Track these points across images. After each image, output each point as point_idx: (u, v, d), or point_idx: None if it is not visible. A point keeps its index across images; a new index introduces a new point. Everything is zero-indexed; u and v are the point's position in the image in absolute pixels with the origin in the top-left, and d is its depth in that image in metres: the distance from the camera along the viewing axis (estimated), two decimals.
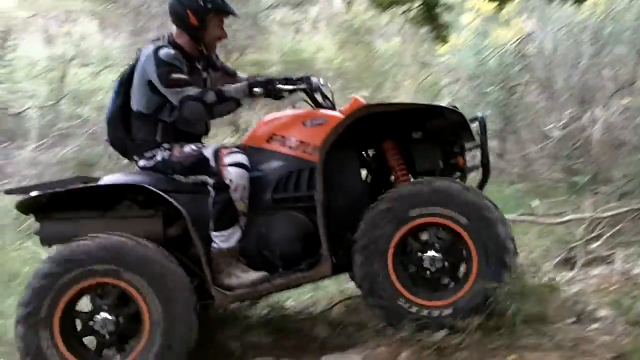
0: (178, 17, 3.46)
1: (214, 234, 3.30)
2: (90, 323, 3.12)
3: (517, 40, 6.94)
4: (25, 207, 3.34)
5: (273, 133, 3.49)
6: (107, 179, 3.48)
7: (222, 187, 3.28)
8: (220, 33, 3.52)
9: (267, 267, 3.33)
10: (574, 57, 6.60)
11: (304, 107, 3.77)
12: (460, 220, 3.17)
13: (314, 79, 3.66)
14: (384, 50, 11.53)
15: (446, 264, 3.23)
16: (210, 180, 3.32)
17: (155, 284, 3.05)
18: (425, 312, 3.16)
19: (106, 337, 3.11)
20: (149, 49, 3.41)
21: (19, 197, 3.33)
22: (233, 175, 3.30)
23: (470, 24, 7.62)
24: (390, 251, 3.19)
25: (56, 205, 3.29)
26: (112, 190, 3.35)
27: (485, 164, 3.50)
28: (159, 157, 3.42)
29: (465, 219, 3.16)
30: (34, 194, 3.25)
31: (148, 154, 3.45)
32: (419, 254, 3.23)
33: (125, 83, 3.55)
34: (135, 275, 3.05)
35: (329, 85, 3.85)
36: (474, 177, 3.67)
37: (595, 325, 3.21)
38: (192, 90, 3.31)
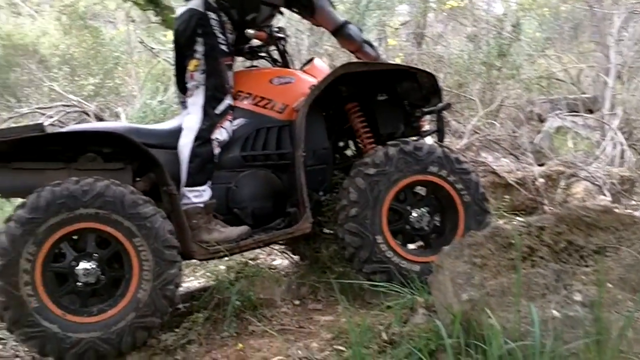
0: None
1: (187, 189, 3.26)
2: (78, 272, 2.89)
3: None
4: None
5: (239, 90, 3.47)
6: (74, 127, 3.35)
7: (206, 139, 3.27)
8: None
9: (235, 225, 3.33)
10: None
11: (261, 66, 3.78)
12: (449, 178, 3.34)
13: None
14: (113, 37, 11.28)
15: (433, 219, 3.42)
16: (197, 122, 3.29)
17: (144, 229, 2.91)
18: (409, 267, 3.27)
19: (90, 287, 2.93)
20: None
21: None
22: (223, 137, 3.32)
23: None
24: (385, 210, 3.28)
25: (16, 154, 3.06)
26: (77, 140, 3.15)
27: (441, 129, 3.64)
28: (218, 31, 3.33)
29: (453, 175, 3.34)
30: None
31: (214, 16, 3.33)
32: (409, 212, 3.38)
33: None
34: (125, 220, 2.89)
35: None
36: None
37: (318, 306, 3.39)
38: None
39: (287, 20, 7.51)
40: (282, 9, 3.71)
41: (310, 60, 3.84)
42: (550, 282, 2.25)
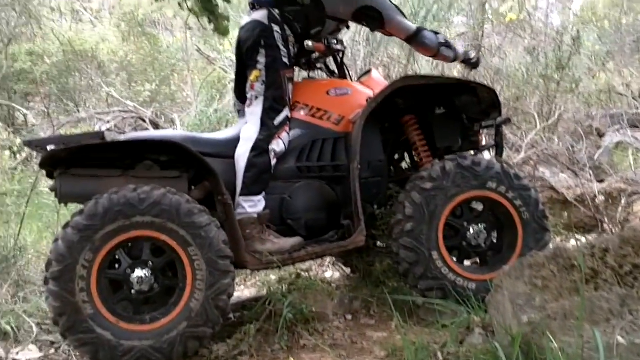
0: None
1: (242, 199, 3.27)
2: (132, 280, 2.93)
3: None
4: (44, 162, 3.11)
5: (296, 101, 3.46)
6: (132, 136, 3.40)
7: (263, 149, 3.28)
8: None
9: (288, 236, 3.32)
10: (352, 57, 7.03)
11: (318, 76, 3.77)
12: (508, 194, 3.28)
13: None
14: (170, 44, 11.27)
15: (490, 236, 3.36)
16: (255, 132, 3.31)
17: (199, 238, 2.91)
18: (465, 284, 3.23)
19: (143, 295, 2.94)
20: None
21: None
22: (279, 148, 3.33)
23: None
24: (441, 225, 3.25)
25: (75, 161, 3.08)
26: (135, 148, 3.18)
27: (499, 143, 3.58)
28: (280, 44, 3.36)
29: (512, 192, 3.28)
30: (51, 147, 3.07)
31: (278, 29, 3.37)
32: (465, 228, 3.33)
33: None
34: (180, 229, 2.90)
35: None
36: None
37: (371, 322, 3.32)
38: None
39: (353, 31, 7.55)
40: (350, 23, 3.71)
41: (367, 72, 3.83)
42: (614, 307, 2.15)
